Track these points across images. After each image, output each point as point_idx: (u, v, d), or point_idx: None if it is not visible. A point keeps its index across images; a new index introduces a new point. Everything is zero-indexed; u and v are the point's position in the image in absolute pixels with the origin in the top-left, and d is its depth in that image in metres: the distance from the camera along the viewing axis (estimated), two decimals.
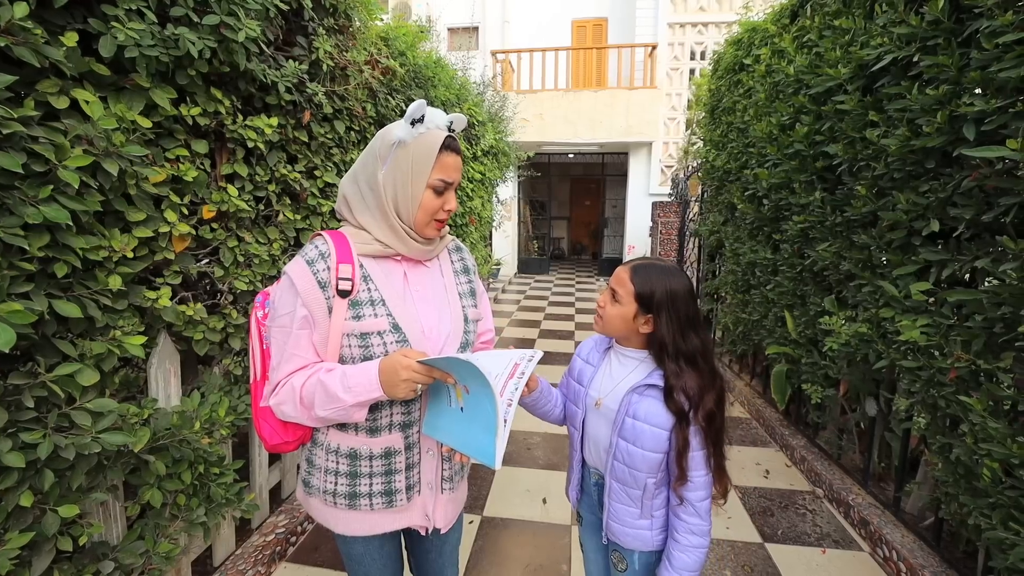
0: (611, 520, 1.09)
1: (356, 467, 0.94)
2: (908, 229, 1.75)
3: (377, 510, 0.96)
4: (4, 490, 0.94)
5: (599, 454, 1.10)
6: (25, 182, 0.88)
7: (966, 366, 1.50)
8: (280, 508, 2.13)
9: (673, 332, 0.98)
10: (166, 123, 1.23)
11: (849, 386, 2.29)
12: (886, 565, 1.95)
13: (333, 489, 0.96)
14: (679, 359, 0.98)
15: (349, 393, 0.83)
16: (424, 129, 0.89)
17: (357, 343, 0.89)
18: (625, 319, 1.01)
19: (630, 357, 1.07)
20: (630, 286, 1.00)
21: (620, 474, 1.05)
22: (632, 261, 1.06)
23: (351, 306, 0.89)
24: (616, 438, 1.03)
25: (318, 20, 1.71)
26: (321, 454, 0.97)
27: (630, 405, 1.02)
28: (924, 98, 1.56)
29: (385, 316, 0.90)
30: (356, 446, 0.94)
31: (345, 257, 0.89)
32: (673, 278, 1.00)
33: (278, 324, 0.91)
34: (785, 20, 2.77)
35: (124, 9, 0.99)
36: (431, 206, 0.92)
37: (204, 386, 1.58)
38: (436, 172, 0.91)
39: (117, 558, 1.24)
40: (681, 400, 0.97)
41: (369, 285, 0.92)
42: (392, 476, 0.95)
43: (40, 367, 0.97)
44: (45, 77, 0.93)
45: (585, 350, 1.17)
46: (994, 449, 1.37)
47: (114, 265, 1.11)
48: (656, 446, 0.99)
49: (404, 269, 0.97)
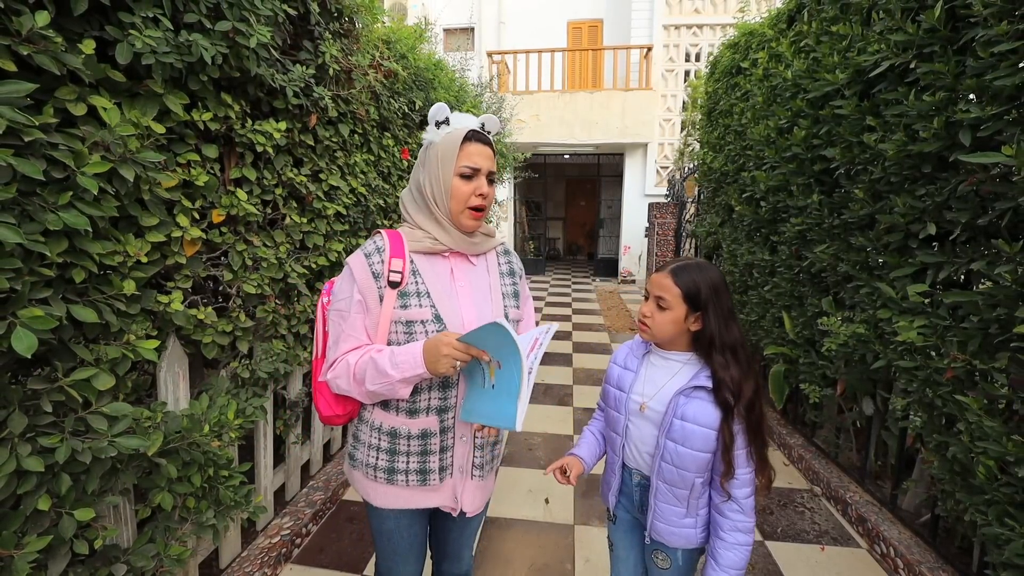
0: (657, 520, 1.11)
1: (395, 444, 1.03)
2: (905, 232, 1.79)
3: (412, 487, 1.05)
4: (23, 494, 0.94)
5: (642, 457, 1.12)
6: (45, 189, 0.88)
7: (962, 366, 1.54)
8: (285, 510, 2.14)
9: (719, 325, 1.01)
10: (178, 128, 1.23)
11: (846, 386, 2.33)
12: (884, 561, 1.99)
13: (375, 463, 1.05)
14: (725, 351, 1.01)
15: (396, 369, 0.93)
16: (451, 129, 1.00)
17: (403, 330, 0.99)
18: (677, 322, 1.03)
19: (673, 360, 1.09)
20: (676, 289, 1.02)
21: (668, 475, 1.06)
22: (666, 266, 1.07)
23: (399, 296, 1.00)
24: (664, 440, 1.05)
25: (324, 24, 1.72)
26: (366, 430, 1.07)
27: (678, 407, 1.04)
28: (921, 104, 1.59)
29: (429, 307, 1.00)
30: (397, 425, 1.03)
31: (398, 253, 1.01)
32: (710, 272, 1.04)
33: (336, 308, 1.02)
34: (782, 25, 2.81)
35: (141, 16, 1.00)
36: (461, 193, 1.01)
37: (211, 389, 1.59)
38: (461, 160, 1.00)
39: (129, 561, 1.25)
40: (726, 393, 0.99)
41: (417, 279, 1.02)
42: (427, 456, 1.04)
43: (58, 372, 0.97)
44: (63, 84, 0.94)
45: (621, 357, 1.19)
46: (990, 447, 1.41)
47: (128, 270, 1.12)
48: (705, 446, 1.01)
49: (451, 266, 1.07)
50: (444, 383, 1.03)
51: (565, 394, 3.78)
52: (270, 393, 1.90)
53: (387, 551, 1.15)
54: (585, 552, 2.03)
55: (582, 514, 2.28)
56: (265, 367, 1.69)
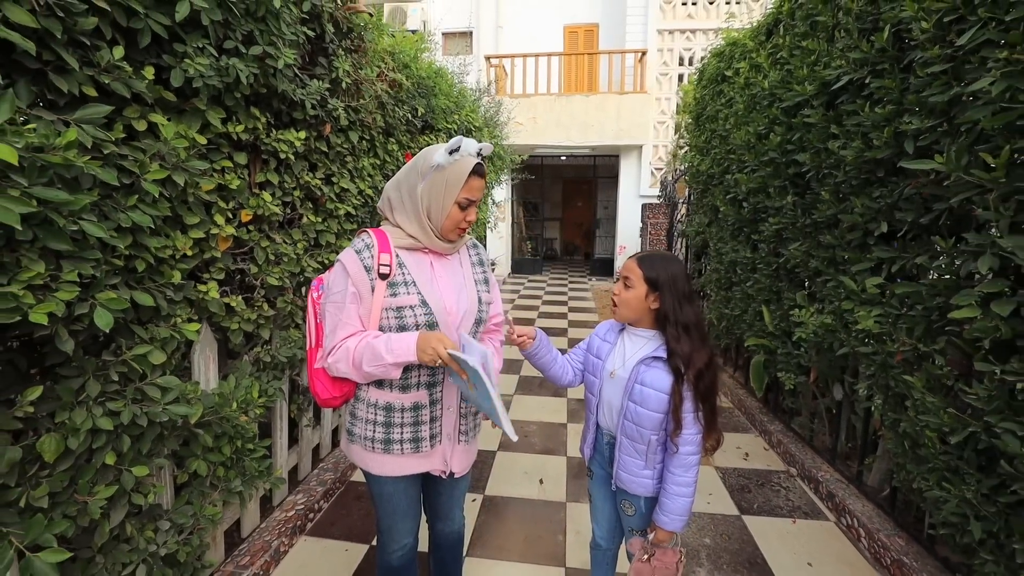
0: (621, 471, 1.31)
1: (390, 417, 1.18)
2: (864, 230, 1.98)
3: (407, 454, 1.20)
4: (95, 449, 1.11)
5: (612, 417, 1.31)
6: (118, 192, 1.06)
7: (910, 350, 1.72)
8: (298, 488, 2.31)
9: (674, 305, 1.20)
10: (215, 139, 1.41)
11: (818, 373, 2.52)
12: (848, 532, 2.17)
13: (372, 436, 1.19)
14: (678, 327, 1.20)
15: (391, 354, 1.06)
16: (459, 156, 1.11)
17: (394, 315, 1.13)
18: (638, 299, 1.24)
19: (640, 336, 1.29)
20: (639, 271, 1.24)
21: (630, 431, 1.27)
22: (637, 254, 1.29)
23: (389, 286, 1.13)
24: (627, 401, 1.26)
25: (337, 42, 1.90)
26: (363, 407, 1.20)
27: (639, 374, 1.24)
28: (874, 115, 1.78)
29: (416, 294, 1.14)
30: (391, 400, 1.17)
31: (385, 248, 1.14)
32: (671, 262, 1.25)
33: (332, 300, 1.13)
34: (762, 37, 3.00)
35: (192, 46, 1.17)
36: (456, 217, 1.16)
37: (237, 372, 1.76)
38: (463, 192, 1.13)
39: (171, 518, 1.42)
40: (678, 361, 1.19)
41: (403, 270, 1.15)
42: (419, 427, 1.19)
43: (122, 348, 1.15)
44: (129, 104, 1.11)
45: (602, 330, 1.40)
46: (931, 420, 1.59)
47: (175, 262, 1.29)
48: (659, 407, 1.21)
49: (431, 260, 1.20)
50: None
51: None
52: (287, 378, 2.07)
53: (387, 511, 1.30)
54: (575, 526, 2.21)
55: (573, 493, 2.46)
56: (284, 352, 1.86)
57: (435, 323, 1.15)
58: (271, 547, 1.91)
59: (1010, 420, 1.34)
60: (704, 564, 1.98)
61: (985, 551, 1.45)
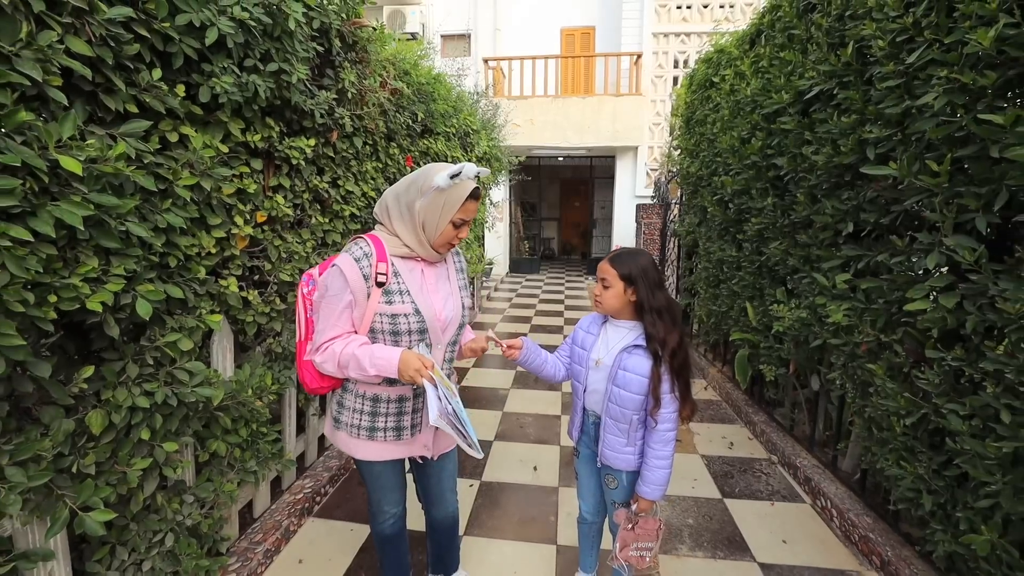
0: (605, 448, 1.46)
1: (377, 408, 1.30)
2: (834, 230, 2.12)
3: (389, 441, 1.33)
4: (133, 425, 1.25)
5: (597, 400, 1.46)
6: (155, 197, 1.20)
7: (873, 340, 1.87)
8: (305, 474, 2.45)
9: (647, 293, 1.35)
10: (234, 147, 1.55)
11: (797, 365, 2.66)
12: (822, 513, 2.32)
13: (358, 424, 1.31)
14: (652, 312, 1.35)
15: (374, 368, 1.17)
16: (459, 180, 1.20)
17: (388, 320, 1.24)
18: (618, 295, 1.38)
19: (621, 327, 1.44)
20: (613, 271, 1.38)
21: (613, 412, 1.41)
22: (608, 256, 1.44)
23: (384, 293, 1.23)
24: (611, 385, 1.40)
25: (344, 55, 2.03)
26: (351, 398, 1.32)
27: (622, 361, 1.38)
28: (841, 124, 1.92)
29: (410, 303, 1.25)
30: (379, 392, 1.30)
31: (382, 257, 1.23)
32: (639, 256, 1.39)
33: (327, 301, 1.22)
34: (746, 46, 3.15)
35: (219, 66, 1.31)
36: (449, 234, 1.27)
37: (251, 362, 1.90)
38: (459, 213, 1.24)
39: (195, 493, 1.56)
40: (655, 345, 1.33)
41: (398, 279, 1.25)
42: (401, 416, 1.32)
43: (156, 335, 1.28)
44: (163, 118, 1.25)
45: (586, 323, 1.54)
46: (890, 404, 1.74)
47: (200, 259, 1.43)
48: (640, 389, 1.35)
49: (422, 268, 1.31)
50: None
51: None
52: (295, 368, 2.21)
53: (375, 487, 1.43)
54: (567, 508, 2.35)
55: (565, 478, 2.60)
56: (293, 344, 2.00)
57: (425, 329, 1.26)
58: (281, 526, 2.05)
59: (954, 402, 1.48)
60: (686, 541, 2.12)
61: (935, 521, 1.60)
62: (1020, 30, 1.17)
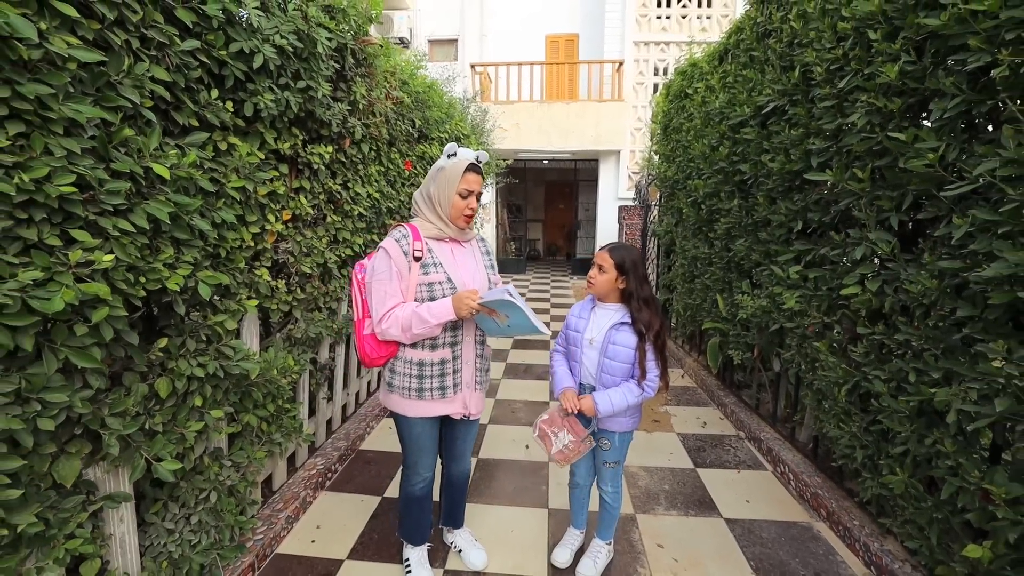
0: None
1: (423, 372, 1.55)
2: (787, 228, 2.43)
3: (435, 399, 1.57)
4: (189, 393, 1.47)
5: (590, 374, 1.70)
6: (211, 197, 1.42)
7: (818, 322, 2.17)
8: (317, 453, 2.66)
9: (636, 284, 1.61)
10: (267, 154, 1.77)
11: (760, 349, 2.97)
12: (781, 477, 2.62)
13: (408, 386, 1.55)
14: (639, 300, 1.61)
15: (434, 317, 1.43)
16: (456, 160, 1.48)
17: (426, 289, 1.49)
18: (610, 281, 1.64)
19: (608, 309, 1.70)
20: (610, 260, 1.64)
21: (606, 381, 1.66)
22: (607, 246, 1.69)
23: (422, 266, 1.49)
24: (603, 358, 1.65)
25: (355, 70, 2.26)
26: (401, 365, 1.56)
27: (611, 336, 1.64)
28: (791, 136, 2.23)
29: (443, 272, 1.51)
30: (423, 357, 1.54)
31: (417, 237, 1.50)
32: (632, 251, 1.66)
33: (378, 278, 1.47)
34: (715, 61, 3.46)
35: (261, 85, 1.54)
36: (459, 205, 1.52)
37: (273, 345, 2.11)
38: (462, 184, 1.49)
39: (232, 459, 1.77)
40: (640, 326, 1.60)
41: (432, 255, 1.52)
42: (444, 377, 1.56)
43: (207, 315, 1.50)
44: (215, 130, 1.47)
45: (577, 310, 1.80)
46: (831, 375, 2.04)
47: (240, 251, 1.65)
48: (626, 359, 1.62)
49: (451, 247, 1.58)
50: (453, 327, 1.55)
51: (543, 371, 4.37)
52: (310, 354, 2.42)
53: (414, 449, 1.67)
54: (556, 479, 2.61)
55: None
56: (312, 330, 2.22)
57: None
58: (299, 497, 2.26)
59: (878, 369, 1.79)
60: (662, 503, 2.40)
61: (865, 471, 1.90)
62: (916, 66, 1.48)
